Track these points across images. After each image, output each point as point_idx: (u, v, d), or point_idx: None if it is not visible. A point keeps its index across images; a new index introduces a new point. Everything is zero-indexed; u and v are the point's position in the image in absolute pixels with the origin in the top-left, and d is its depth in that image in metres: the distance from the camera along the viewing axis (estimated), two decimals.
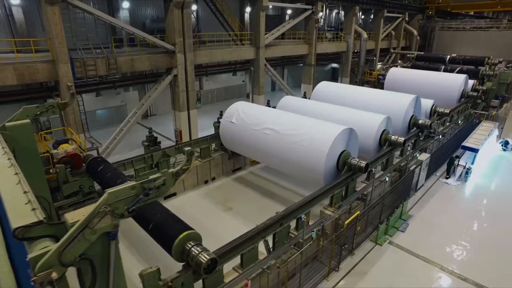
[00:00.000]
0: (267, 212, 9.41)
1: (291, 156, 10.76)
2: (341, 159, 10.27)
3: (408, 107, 14.36)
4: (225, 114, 13.40)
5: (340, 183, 9.95)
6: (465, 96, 20.70)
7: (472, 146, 14.62)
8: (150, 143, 12.46)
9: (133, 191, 4.51)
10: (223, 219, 11.54)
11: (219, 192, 13.39)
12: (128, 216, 4.51)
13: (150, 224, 6.93)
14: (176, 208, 12.41)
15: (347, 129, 10.54)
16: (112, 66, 13.93)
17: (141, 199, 4.56)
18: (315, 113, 14.06)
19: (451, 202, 12.92)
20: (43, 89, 14.60)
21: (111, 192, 4.28)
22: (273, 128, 11.34)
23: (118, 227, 4.48)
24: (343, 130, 10.29)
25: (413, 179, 12.59)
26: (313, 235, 8.07)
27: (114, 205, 4.31)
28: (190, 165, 5.20)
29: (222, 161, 14.46)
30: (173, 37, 15.70)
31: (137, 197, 4.53)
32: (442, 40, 37.05)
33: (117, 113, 22.36)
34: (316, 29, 23.55)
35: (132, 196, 4.50)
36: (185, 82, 16.66)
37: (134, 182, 4.55)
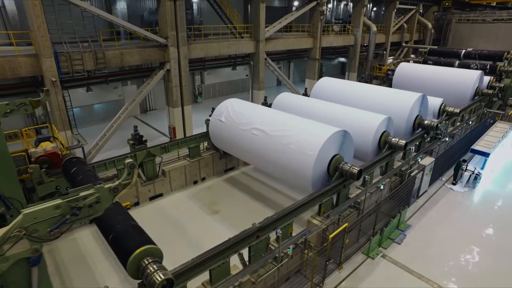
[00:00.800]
0: (255, 217, 8.74)
1: (278, 159, 10.03)
2: (332, 164, 9.47)
3: (413, 107, 13.31)
4: (215, 112, 12.73)
5: (330, 190, 9.17)
6: (479, 94, 19.30)
7: (483, 150, 13.46)
8: (135, 142, 11.93)
9: (58, 210, 3.91)
10: (207, 223, 10.97)
11: (207, 194, 12.82)
12: (51, 239, 3.93)
13: (110, 235, 6.39)
14: (159, 210, 12.06)
15: (340, 131, 9.70)
16: (100, 60, 13.41)
17: (68, 219, 3.96)
18: (311, 112, 13.23)
19: (456, 211, 11.92)
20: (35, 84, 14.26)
21: (28, 213, 3.69)
22: (261, 129, 10.61)
23: (40, 252, 3.90)
24: (335, 132, 9.46)
25: (415, 185, 11.62)
26: (289, 251, 7.36)
27: (32, 227, 3.72)
28: (133, 179, 4.53)
29: (213, 161, 13.85)
30: (166, 30, 15.05)
31: (64, 218, 3.93)
32: (458, 33, 34.98)
33: (115, 108, 21.98)
34: (321, 21, 22.40)
35: (57, 216, 3.91)
36: (178, 77, 16.04)
37: (59, 200, 3.95)
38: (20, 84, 14.01)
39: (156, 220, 11.14)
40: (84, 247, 9.80)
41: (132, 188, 11.69)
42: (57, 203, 3.88)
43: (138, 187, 11.80)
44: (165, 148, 12.33)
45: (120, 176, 11.40)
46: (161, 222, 11.06)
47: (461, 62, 24.27)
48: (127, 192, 11.42)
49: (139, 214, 11.53)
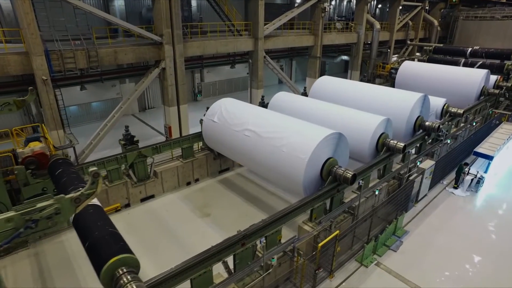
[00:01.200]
0: (246, 221, 8.56)
1: (270, 161, 9.70)
2: (326, 167, 9.11)
3: (413, 107, 12.84)
4: (208, 112, 12.44)
5: (322, 195, 8.81)
6: (485, 94, 18.66)
7: (486, 153, 12.94)
8: (126, 142, 11.69)
9: (10, 224, 3.63)
10: (198, 226, 10.72)
11: (200, 195, 12.56)
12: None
13: (86, 241, 6.13)
14: (150, 212, 11.82)
15: (334, 134, 9.33)
16: (93, 58, 13.16)
17: (22, 233, 3.68)
18: (308, 112, 12.86)
19: (456, 216, 11.46)
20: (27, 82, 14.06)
21: None
22: (254, 130, 10.28)
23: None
24: (329, 135, 9.09)
25: (413, 189, 11.19)
26: (273, 261, 7.03)
27: None
28: (97, 189, 4.24)
29: (207, 162, 13.57)
30: (161, 27, 14.73)
31: (17, 231, 3.66)
32: (465, 30, 34.07)
33: (113, 106, 21.64)
34: (322, 18, 21.88)
35: (9, 230, 3.63)
36: (174, 75, 15.73)
37: (13, 212, 3.67)
38: (12, 82, 13.84)
39: (146, 223, 10.92)
40: (70, 250, 9.60)
41: (123, 189, 11.54)
42: (8, 216, 3.60)
43: (128, 188, 11.58)
44: (157, 148, 12.07)
45: (110, 177, 11.20)
46: (150, 224, 10.83)
47: (467, 60, 23.59)
48: (117, 193, 11.27)
49: (129, 216, 11.32)
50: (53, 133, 12.83)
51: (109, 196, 11.15)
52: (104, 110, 21.35)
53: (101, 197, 11.02)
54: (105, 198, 11.08)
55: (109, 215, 11.22)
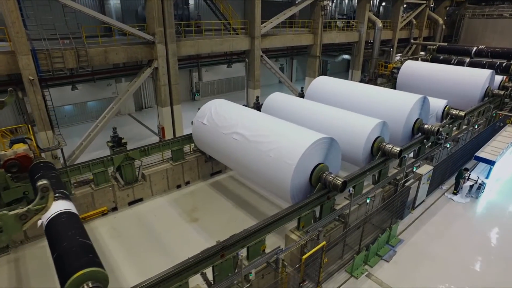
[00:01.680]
0: (234, 227, 8.25)
1: (257, 167, 9.33)
2: (315, 173, 8.71)
3: (411, 110, 12.35)
4: (198, 113, 12.09)
5: (310, 203, 8.42)
6: (489, 95, 18.04)
7: (487, 157, 12.40)
8: (114, 144, 11.40)
9: None
10: (184, 232, 10.40)
11: (189, 199, 12.24)
12: None
13: (54, 252, 5.83)
14: (137, 216, 11.50)
15: (325, 139, 8.91)
16: (83, 58, 12.90)
17: None
18: (301, 114, 12.46)
19: (454, 224, 10.97)
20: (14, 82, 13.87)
21: None
22: (242, 133, 9.91)
23: None
24: (319, 139, 8.68)
25: (409, 196, 10.73)
26: (251, 276, 6.67)
27: None
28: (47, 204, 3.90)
29: (198, 164, 13.24)
30: (153, 26, 14.42)
31: None
32: (471, 29, 33.19)
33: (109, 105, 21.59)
34: (322, 17, 21.37)
35: None
36: (167, 75, 15.42)
37: None
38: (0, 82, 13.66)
39: (132, 227, 10.63)
40: None
41: (109, 192, 11.27)
42: None
43: (115, 192, 11.30)
44: (145, 151, 11.77)
45: (96, 180, 10.93)
46: (136, 229, 10.54)
47: (472, 60, 22.87)
48: (104, 196, 10.98)
49: (115, 220, 11.05)
50: (41, 134, 12.61)
51: (95, 199, 10.89)
52: (100, 109, 21.11)
53: (86, 200, 10.79)
54: (90, 202, 10.82)
55: (95, 219, 11.08)
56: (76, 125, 20.10)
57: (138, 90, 22.97)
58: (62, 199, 7.31)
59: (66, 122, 19.84)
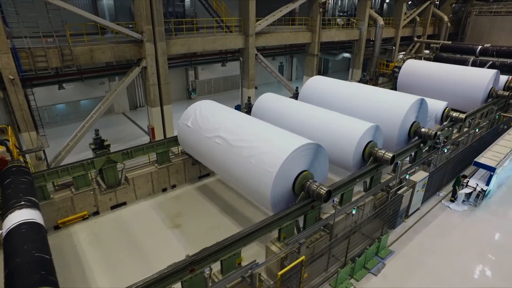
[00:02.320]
0: (217, 234, 7.99)
1: (239, 173, 8.88)
2: (298, 182, 8.22)
3: (407, 112, 11.75)
4: (183, 115, 11.67)
5: (292, 213, 7.94)
6: (493, 96, 17.29)
7: (487, 163, 11.76)
8: (96, 146, 11.02)
9: None
10: (165, 239, 10.01)
11: (174, 204, 11.84)
12: None
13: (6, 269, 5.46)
14: (119, 221, 11.05)
15: (310, 145, 8.41)
16: (67, 57, 12.51)
17: None
18: (291, 117, 11.97)
19: (450, 235, 10.39)
20: None
21: None
22: (225, 137, 9.46)
23: None
24: (302, 146, 8.18)
25: (402, 204, 10.17)
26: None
27: None
28: None
29: (185, 167, 12.84)
30: (141, 24, 13.97)
31: None
32: (478, 27, 32.10)
33: None
34: (320, 14, 20.71)
35: None
36: (156, 74, 14.99)
37: None
38: None
39: (112, 233, 10.27)
40: None
41: (90, 196, 10.91)
42: None
43: (97, 196, 10.95)
44: (128, 154, 11.38)
45: (76, 184, 10.57)
46: (116, 235, 10.18)
47: (476, 59, 22.06)
48: (84, 200, 10.61)
49: (96, 225, 10.70)
50: (25, 135, 12.29)
51: (74, 204, 10.54)
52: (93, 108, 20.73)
53: (66, 205, 10.45)
54: (70, 206, 10.48)
55: (75, 224, 10.73)
56: (68, 124, 19.79)
57: (132, 89, 22.62)
58: (27, 208, 6.95)
59: (58, 121, 19.58)
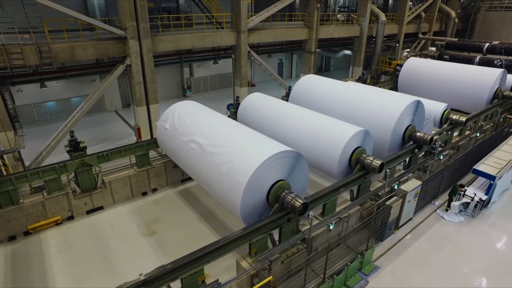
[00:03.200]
0: (192, 244, 7.72)
1: (211, 180, 8.31)
2: (273, 192, 7.58)
3: (401, 115, 10.96)
4: (162, 117, 11.11)
5: (263, 227, 7.32)
6: (498, 97, 16.30)
7: (487, 171, 10.92)
8: (71, 149, 10.53)
9: None
10: (138, 247, 9.50)
11: (152, 209, 11.34)
12: None
13: None
14: (93, 227, 10.37)
15: (288, 153, 7.76)
16: (46, 54, 12.05)
17: None
18: (276, 119, 11.32)
19: (443, 248, 9.65)
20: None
21: None
22: (199, 142, 8.87)
23: None
24: (278, 153, 7.54)
25: (390, 216, 9.45)
26: None
27: None
28: None
29: (166, 170, 12.31)
30: (125, 20, 13.41)
31: None
32: (487, 23, 30.68)
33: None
34: (317, 9, 19.86)
35: None
36: (141, 73, 14.44)
37: None
38: None
39: (83, 240, 9.81)
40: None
41: (64, 200, 10.46)
42: None
43: (71, 200, 10.50)
44: (104, 157, 10.88)
45: (47, 188, 10.12)
46: (87, 242, 9.72)
47: (483, 57, 20.90)
48: (57, 205, 10.16)
49: (69, 230, 10.26)
50: (1, 135, 11.90)
51: (46, 208, 10.11)
52: None
53: (36, 210, 10.02)
54: (41, 211, 10.05)
55: (48, 229, 10.28)
56: (58, 122, 19.34)
57: (125, 86, 22.16)
58: None
59: (48, 119, 19.25)
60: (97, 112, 21.27)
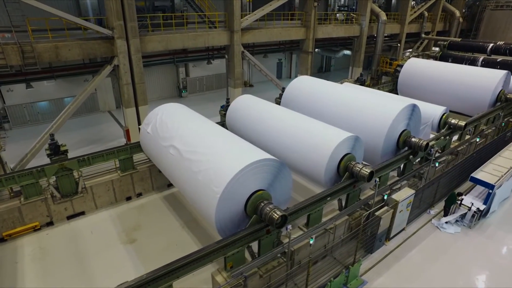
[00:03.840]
0: (172, 252, 7.38)
1: (188, 189, 7.92)
2: (251, 202, 7.14)
3: (395, 120, 10.41)
4: (145, 120, 10.72)
5: (239, 240, 6.88)
6: (501, 100, 15.64)
7: (485, 180, 10.34)
8: (52, 152, 10.19)
9: None
10: (115, 255, 9.13)
11: (135, 215, 10.96)
12: None
13: None
14: (72, 233, 9.87)
15: (268, 161, 7.32)
16: (29, 54, 11.75)
17: None
18: (262, 124, 10.87)
19: (437, 261, 9.12)
20: None
21: None
22: (178, 147, 8.47)
23: None
24: (256, 162, 7.08)
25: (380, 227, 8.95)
26: None
27: None
28: None
29: (151, 174, 11.93)
30: (112, 19, 13.04)
31: None
32: (493, 22, 29.80)
33: (87, 101, 20.59)
34: (315, 8, 19.31)
35: None
36: (129, 73, 14.08)
37: None
38: None
39: (62, 247, 9.46)
40: None
41: (42, 206, 10.12)
42: None
43: (50, 205, 10.17)
44: (85, 161, 10.52)
45: (24, 193, 9.80)
46: (66, 249, 9.36)
47: (487, 58, 20.18)
48: (35, 210, 9.82)
49: (47, 237, 9.91)
50: None
51: (23, 214, 9.78)
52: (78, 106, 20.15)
53: (12, 216, 9.69)
54: (17, 217, 9.73)
55: (25, 235, 9.92)
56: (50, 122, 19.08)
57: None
58: None
59: (40, 120, 18.99)
60: (90, 112, 21.02)
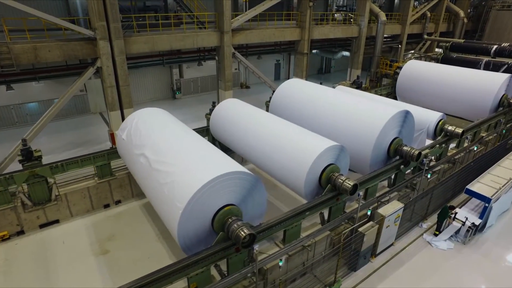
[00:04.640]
0: (145, 266, 7.10)
1: (155, 201, 7.41)
2: (217, 218, 6.60)
3: (385, 128, 9.78)
4: (121, 125, 10.25)
5: (204, 258, 6.34)
6: (504, 105, 14.88)
7: (481, 193, 9.65)
8: (24, 158, 9.78)
9: None
10: (86, 269, 8.66)
11: (111, 224, 10.50)
12: None
13: None
14: (43, 243, 9.36)
15: (239, 174, 6.77)
16: (4, 55, 11.36)
17: None
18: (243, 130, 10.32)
19: (426, 281, 8.47)
20: None
21: None
22: (148, 156, 7.98)
23: None
24: (224, 175, 6.53)
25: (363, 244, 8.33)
26: None
27: None
28: None
29: (130, 181, 11.46)
30: (94, 20, 12.61)
31: None
32: (498, 23, 28.80)
33: (77, 103, 20.38)
34: (310, 8, 18.68)
35: None
36: (113, 75, 13.65)
37: None
38: None
39: (30, 258, 9.02)
40: None
41: (11, 214, 9.69)
42: None
43: (20, 214, 9.75)
44: (59, 167, 10.09)
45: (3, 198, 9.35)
46: (33, 261, 8.92)
47: (490, 60, 19.33)
48: (3, 219, 9.39)
49: (15, 247, 9.47)
50: None
51: None
52: (68, 107, 19.84)
53: None
54: None
55: None
56: None
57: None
58: None
59: (28, 121, 18.69)
60: (81, 114, 20.70)
